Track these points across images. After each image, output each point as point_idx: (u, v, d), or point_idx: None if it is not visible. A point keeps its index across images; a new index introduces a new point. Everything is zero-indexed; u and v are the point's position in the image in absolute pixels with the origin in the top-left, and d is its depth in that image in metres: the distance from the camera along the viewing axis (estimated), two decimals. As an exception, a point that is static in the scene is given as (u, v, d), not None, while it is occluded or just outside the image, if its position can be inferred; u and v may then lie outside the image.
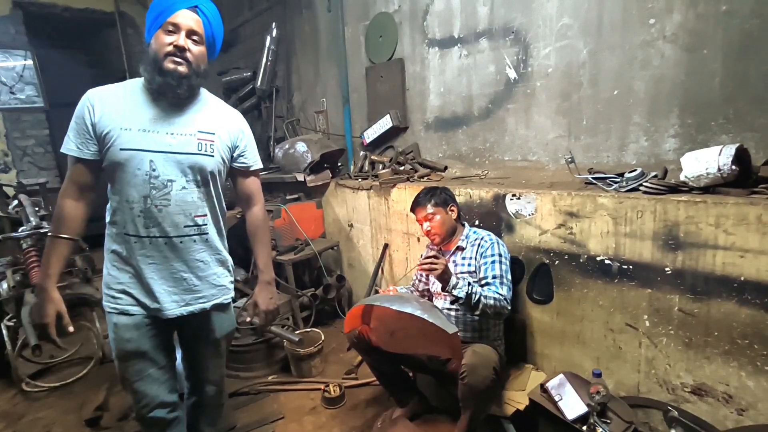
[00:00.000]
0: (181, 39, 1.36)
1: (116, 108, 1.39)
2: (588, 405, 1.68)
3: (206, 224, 1.52)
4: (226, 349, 1.75)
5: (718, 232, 1.62)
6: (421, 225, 2.15)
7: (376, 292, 3.21)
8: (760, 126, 1.73)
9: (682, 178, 1.74)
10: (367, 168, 3.35)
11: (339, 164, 3.73)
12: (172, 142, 1.42)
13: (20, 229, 2.87)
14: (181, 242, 1.47)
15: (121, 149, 1.37)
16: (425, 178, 2.90)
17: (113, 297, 1.47)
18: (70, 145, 1.39)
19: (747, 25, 1.70)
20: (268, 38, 4.05)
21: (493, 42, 2.54)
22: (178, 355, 1.73)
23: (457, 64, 2.77)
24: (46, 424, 2.44)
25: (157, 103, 1.43)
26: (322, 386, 2.49)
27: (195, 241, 1.50)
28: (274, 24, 4.03)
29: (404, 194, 2.86)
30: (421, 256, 2.21)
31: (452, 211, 2.12)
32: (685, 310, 1.74)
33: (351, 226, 3.45)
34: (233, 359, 2.80)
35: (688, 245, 1.70)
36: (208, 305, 1.57)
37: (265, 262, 1.70)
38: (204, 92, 1.55)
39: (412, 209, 2.19)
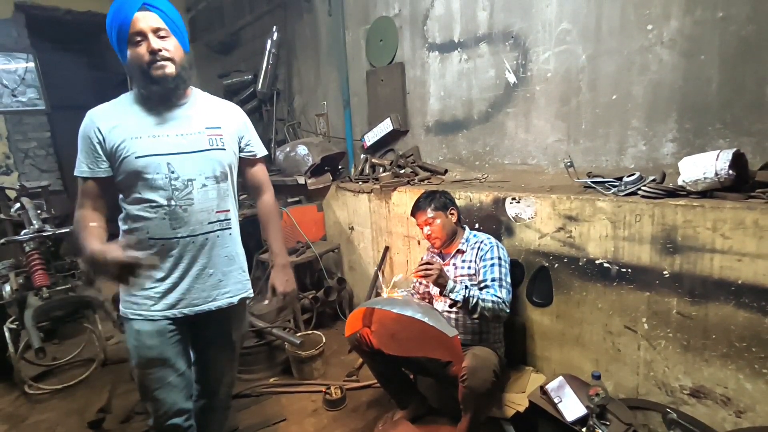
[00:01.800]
0: (152, 42, 1.35)
1: (121, 120, 1.42)
2: (587, 407, 1.70)
3: (229, 219, 1.56)
4: (239, 347, 1.77)
5: (715, 236, 1.63)
6: (422, 229, 2.16)
7: (377, 294, 3.22)
8: (756, 131, 1.75)
9: (680, 182, 1.76)
10: (367, 171, 3.37)
11: (340, 167, 3.75)
12: (183, 142, 1.44)
13: (23, 232, 2.89)
14: (206, 239, 1.49)
15: (137, 157, 1.39)
16: (425, 182, 2.92)
17: (136, 303, 1.48)
18: (82, 167, 1.42)
19: (743, 32, 1.72)
20: (269, 41, 4.06)
21: (492, 46, 2.56)
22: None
23: (457, 69, 2.79)
24: (48, 426, 2.46)
25: (158, 108, 1.45)
26: (323, 388, 2.51)
27: (219, 236, 1.53)
28: (275, 27, 4.05)
29: (405, 197, 2.88)
30: (421, 259, 2.22)
31: (452, 214, 2.14)
32: (684, 313, 1.76)
33: (352, 228, 3.47)
34: (235, 361, 2.82)
35: (686, 249, 1.72)
36: (235, 300, 1.60)
37: (280, 246, 1.73)
38: (196, 90, 1.57)
39: (413, 213, 2.21)
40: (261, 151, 1.71)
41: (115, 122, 1.41)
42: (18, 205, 3.33)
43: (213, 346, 1.68)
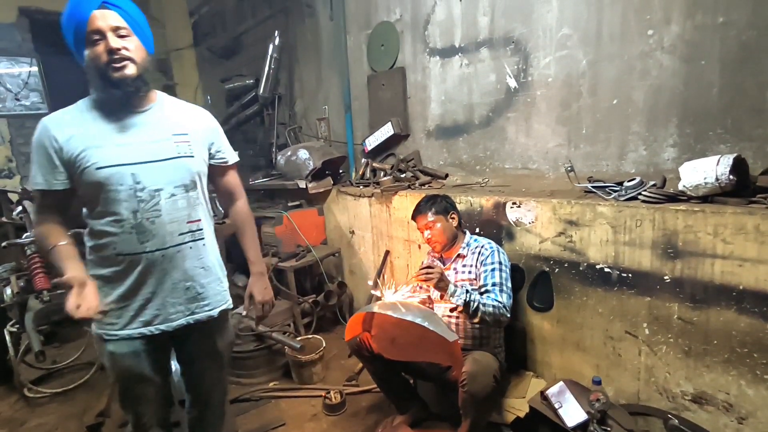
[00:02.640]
0: (112, 41, 1.26)
1: (80, 128, 1.32)
2: (588, 412, 1.69)
3: (201, 229, 1.48)
4: (227, 360, 1.70)
5: (716, 242, 1.63)
6: (422, 233, 2.16)
7: (377, 299, 3.22)
8: (757, 136, 1.75)
9: (680, 187, 1.76)
10: (368, 175, 3.37)
11: (341, 171, 3.75)
12: (149, 151, 1.36)
13: (24, 235, 2.89)
14: (178, 252, 1.41)
15: (98, 168, 1.29)
16: (426, 186, 2.92)
17: (110, 323, 1.39)
18: (37, 179, 1.32)
19: (744, 37, 1.73)
20: (271, 46, 4.08)
21: (493, 51, 2.57)
22: (174, 364, 1.71)
23: (458, 73, 2.79)
24: (47, 430, 2.45)
25: (120, 114, 1.36)
26: (323, 393, 2.50)
27: (191, 248, 1.44)
28: (276, 32, 4.07)
29: (405, 201, 2.88)
30: (422, 263, 2.22)
31: (453, 218, 2.14)
32: (685, 318, 1.75)
33: (352, 233, 3.47)
34: (234, 365, 2.81)
35: (686, 254, 1.71)
36: (215, 312, 1.53)
37: (256, 255, 1.68)
38: (161, 94, 1.48)
39: (413, 217, 2.21)
40: (232, 157, 1.63)
41: (74, 130, 1.31)
42: (20, 208, 3.34)
43: (198, 359, 1.61)
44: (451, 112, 2.90)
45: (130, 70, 1.30)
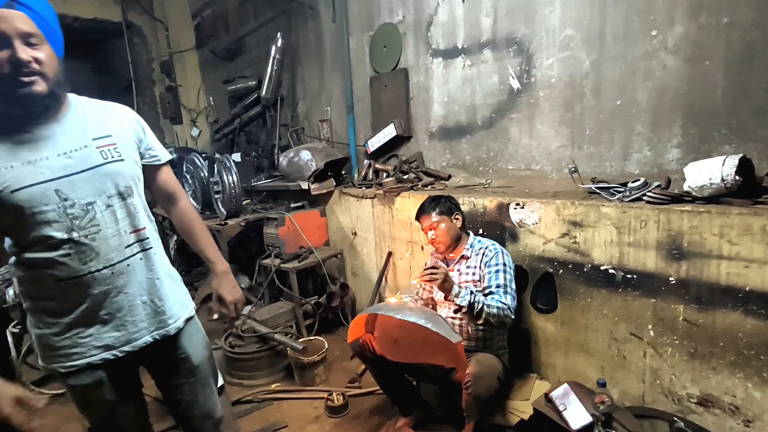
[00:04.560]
0: (20, 51, 1.06)
1: None
2: (593, 415, 1.67)
3: (148, 237, 1.33)
4: (210, 373, 1.51)
5: (722, 242, 1.62)
6: (426, 233, 2.15)
7: (380, 300, 3.21)
8: (762, 136, 1.74)
9: (685, 188, 1.75)
10: (371, 176, 3.37)
11: (343, 172, 3.75)
12: (70, 162, 1.18)
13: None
14: (128, 265, 1.26)
15: (13, 191, 1.11)
16: (429, 187, 2.91)
17: (65, 356, 1.23)
18: None
19: (748, 37, 1.72)
20: (274, 48, 4.09)
21: (496, 52, 2.57)
22: None
23: (460, 74, 2.79)
24: (48, 431, 2.44)
25: (27, 127, 1.16)
26: (325, 395, 2.49)
27: (141, 259, 1.30)
28: (279, 34, 4.08)
29: (408, 203, 2.87)
30: (425, 264, 2.21)
31: (457, 219, 2.13)
32: (690, 320, 1.74)
33: (355, 234, 3.46)
34: (236, 367, 2.80)
35: (692, 255, 1.70)
36: (180, 322, 1.39)
37: (215, 253, 1.52)
38: (73, 97, 1.28)
39: (417, 217, 2.20)
40: (165, 155, 1.46)
41: None
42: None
43: (174, 377, 1.44)
44: (453, 113, 2.89)
45: (40, 86, 1.10)
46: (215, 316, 1.52)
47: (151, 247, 1.34)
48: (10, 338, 2.64)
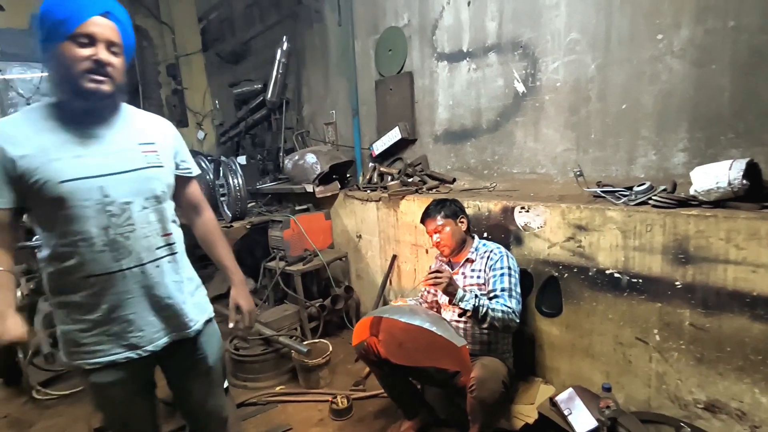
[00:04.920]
0: (102, 53, 1.18)
1: (34, 140, 1.19)
2: (598, 420, 1.67)
3: (175, 242, 1.40)
4: (221, 373, 1.60)
5: (729, 247, 1.61)
6: (431, 236, 2.16)
7: (385, 303, 3.21)
8: (770, 140, 1.73)
9: (691, 192, 1.74)
10: (375, 179, 3.37)
11: (348, 175, 3.76)
12: (116, 162, 1.26)
13: (34, 238, 2.92)
14: (157, 267, 1.32)
15: (60, 182, 1.17)
16: (434, 190, 2.92)
17: (89, 352, 1.28)
18: None
19: (755, 41, 1.71)
20: (279, 51, 4.11)
21: (501, 56, 2.57)
22: None
23: (465, 78, 2.80)
24: (56, 432, 2.46)
25: (80, 124, 1.25)
26: (329, 398, 2.49)
27: (169, 262, 1.37)
28: (285, 37, 4.10)
29: (413, 206, 2.88)
30: (430, 267, 2.22)
31: (462, 222, 2.13)
32: (697, 324, 1.73)
33: (359, 237, 3.47)
34: (241, 369, 2.81)
35: (698, 259, 1.70)
36: (200, 325, 1.45)
37: (233, 264, 1.60)
38: (124, 105, 1.38)
39: (422, 220, 2.20)
40: (195, 169, 1.56)
41: (28, 142, 1.18)
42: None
43: (189, 376, 1.50)
44: (458, 116, 2.90)
45: (107, 86, 1.21)
46: (231, 324, 1.58)
47: (177, 252, 1.41)
48: (17, 339, 2.66)
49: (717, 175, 1.64)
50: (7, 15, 4.81)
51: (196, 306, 1.46)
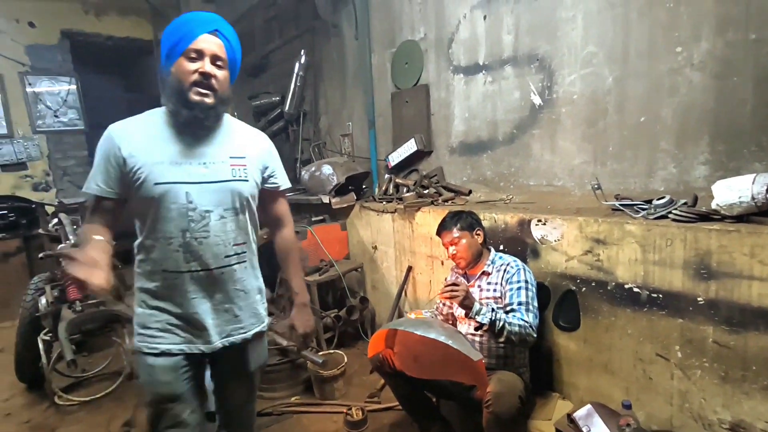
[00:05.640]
0: (207, 65, 1.30)
1: (144, 142, 1.34)
2: (618, 438, 1.63)
3: (245, 252, 1.49)
4: (258, 381, 1.71)
5: (753, 263, 1.58)
6: (447, 248, 2.16)
7: (400, 314, 3.20)
8: (794, 154, 1.70)
9: (713, 206, 1.71)
10: (391, 191, 3.39)
11: (364, 187, 3.79)
12: (205, 172, 1.37)
13: (59, 247, 3.01)
14: (222, 273, 1.42)
15: (155, 183, 1.31)
16: (449, 202, 2.92)
17: (152, 336, 1.40)
18: (92, 185, 1.34)
19: (778, 54, 1.69)
20: (297, 64, 4.19)
21: (518, 69, 2.58)
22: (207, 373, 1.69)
23: (482, 90, 2.81)
24: (76, 438, 2.50)
25: (184, 133, 1.38)
26: (344, 409, 2.48)
27: (236, 270, 1.45)
28: (303, 51, 4.18)
29: (428, 217, 2.88)
30: (445, 279, 2.21)
31: (478, 235, 2.13)
32: (721, 342, 1.69)
33: (375, 248, 3.48)
34: (257, 379, 2.83)
35: (721, 275, 1.66)
36: (249, 335, 1.52)
37: (300, 285, 1.67)
38: (226, 116, 1.50)
39: (438, 232, 2.20)
40: (285, 183, 1.63)
41: (138, 143, 1.33)
42: (56, 220, 3.47)
43: (230, 381, 1.61)
44: (474, 128, 2.90)
45: (210, 99, 1.33)
46: (284, 343, 1.62)
47: (246, 261, 1.50)
48: (41, 345, 2.73)
49: (740, 189, 1.61)
50: (37, 32, 5.01)
51: (253, 315, 1.54)
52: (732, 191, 1.64)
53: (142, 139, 1.35)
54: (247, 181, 1.46)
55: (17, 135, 4.96)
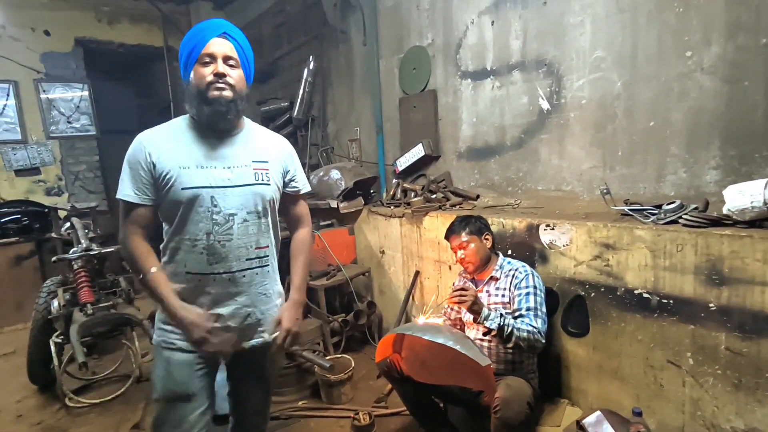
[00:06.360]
0: (220, 66, 1.36)
1: (171, 148, 1.39)
2: (629, 446, 1.61)
3: (267, 256, 1.52)
4: (273, 386, 1.73)
5: (766, 268, 1.55)
6: (455, 253, 2.15)
7: (407, 319, 3.20)
8: (807, 159, 1.68)
9: (725, 211, 1.69)
10: (399, 195, 3.40)
11: (372, 191, 3.80)
12: (230, 176, 1.41)
13: (71, 251, 3.04)
14: (243, 276, 1.45)
15: (183, 188, 1.36)
16: (457, 207, 2.92)
17: (172, 332, 1.43)
18: (128, 191, 1.38)
19: (790, 58, 1.68)
20: (306, 70, 4.23)
21: (525, 74, 2.58)
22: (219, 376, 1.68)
23: (489, 95, 2.81)
24: (85, 440, 2.52)
25: (208, 138, 1.43)
26: (351, 414, 2.48)
27: (257, 273, 1.49)
28: (311, 57, 4.22)
29: (436, 222, 2.88)
30: (453, 284, 2.21)
31: (487, 239, 2.13)
32: (733, 348, 1.67)
33: (382, 252, 3.48)
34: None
35: (733, 281, 1.64)
36: (269, 339, 1.54)
37: (300, 283, 1.64)
38: (248, 121, 1.55)
39: (447, 237, 2.20)
40: (305, 186, 1.66)
41: (166, 149, 1.39)
42: (68, 224, 3.52)
43: (246, 383, 1.64)
44: (482, 133, 2.91)
45: (227, 92, 1.38)
46: (269, 338, 1.60)
47: (268, 265, 1.53)
48: (53, 348, 2.76)
49: (752, 193, 1.59)
50: (52, 40, 5.10)
51: (270, 320, 1.55)
52: (744, 196, 1.62)
53: (168, 144, 1.40)
54: (269, 184, 1.49)
55: (31, 141, 5.04)
